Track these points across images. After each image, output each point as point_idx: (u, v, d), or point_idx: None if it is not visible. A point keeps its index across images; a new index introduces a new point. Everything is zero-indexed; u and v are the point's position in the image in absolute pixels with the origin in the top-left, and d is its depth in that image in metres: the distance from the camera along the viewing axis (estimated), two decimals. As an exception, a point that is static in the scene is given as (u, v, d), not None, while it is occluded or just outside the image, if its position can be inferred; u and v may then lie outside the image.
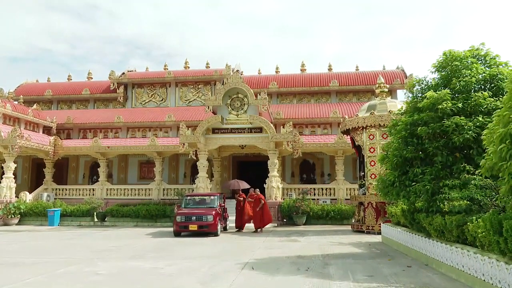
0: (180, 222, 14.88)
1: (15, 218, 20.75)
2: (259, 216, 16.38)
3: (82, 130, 27.83)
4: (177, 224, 14.89)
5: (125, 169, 27.89)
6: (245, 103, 20.19)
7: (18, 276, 7.72)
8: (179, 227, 14.84)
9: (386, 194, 10.00)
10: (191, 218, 14.88)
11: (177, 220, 14.97)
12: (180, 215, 15.02)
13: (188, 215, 14.98)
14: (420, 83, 10.00)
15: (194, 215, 14.89)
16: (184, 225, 14.77)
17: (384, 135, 15.08)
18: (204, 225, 14.64)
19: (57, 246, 12.56)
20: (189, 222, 14.80)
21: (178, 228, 14.89)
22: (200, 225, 14.63)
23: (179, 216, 15.01)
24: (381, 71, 28.90)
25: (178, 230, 14.92)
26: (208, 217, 14.71)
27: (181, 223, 14.84)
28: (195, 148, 20.25)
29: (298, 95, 29.22)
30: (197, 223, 14.68)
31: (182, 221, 14.88)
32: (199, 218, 14.77)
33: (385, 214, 14.29)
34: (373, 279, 7.14)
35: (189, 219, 14.88)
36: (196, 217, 14.81)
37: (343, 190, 21.86)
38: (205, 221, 14.68)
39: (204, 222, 14.67)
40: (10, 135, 21.08)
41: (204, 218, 14.74)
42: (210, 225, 14.65)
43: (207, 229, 14.67)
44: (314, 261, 9.14)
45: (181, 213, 15.13)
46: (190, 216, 14.93)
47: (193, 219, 14.83)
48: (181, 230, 14.89)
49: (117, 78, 30.10)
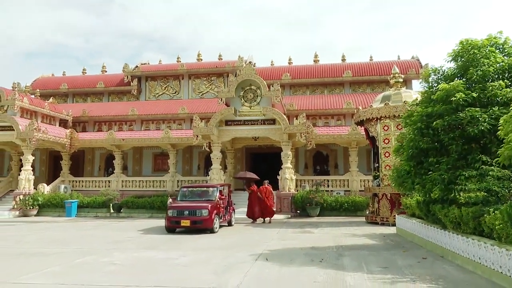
0: (171, 217, 13.11)
1: (34, 209, 21.22)
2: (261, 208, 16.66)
3: (97, 123, 28.15)
4: (169, 219, 13.16)
5: (139, 161, 28.18)
6: (258, 95, 20.14)
7: (38, 265, 7.91)
8: (170, 223, 13.13)
9: (401, 184, 9.90)
10: (183, 213, 13.02)
11: (169, 215, 13.19)
12: (172, 209, 13.21)
13: (180, 209, 13.15)
14: (436, 73, 9.81)
15: (187, 209, 13.04)
16: (176, 220, 12.99)
17: (399, 126, 14.89)
18: (198, 220, 12.82)
19: (74, 236, 12.81)
20: (181, 217, 12.97)
21: (170, 224, 13.15)
22: (193, 220, 12.82)
23: (170, 210, 13.21)
24: (396, 61, 28.47)
25: (170, 225, 13.17)
26: (203, 212, 12.86)
27: (173, 218, 13.07)
28: (209, 140, 20.32)
29: (311, 86, 29.02)
30: (190, 218, 12.85)
31: (174, 215, 13.08)
32: (192, 213, 12.94)
33: (399, 206, 14.18)
34: (388, 270, 7.11)
35: (181, 214, 13.03)
36: (189, 212, 12.97)
37: (357, 181, 21.76)
38: (199, 215, 12.85)
39: (198, 217, 12.83)
40: (27, 128, 21.45)
41: (198, 212, 12.90)
42: (204, 221, 12.81)
43: (201, 225, 12.86)
44: (328, 252, 9.14)
45: (173, 207, 13.35)
46: (182, 210, 13.08)
47: (185, 213, 12.98)
48: (172, 225, 13.13)
49: (131, 71, 30.32)
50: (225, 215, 14.57)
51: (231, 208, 15.55)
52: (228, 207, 15.18)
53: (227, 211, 14.85)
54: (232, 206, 16.06)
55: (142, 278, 6.73)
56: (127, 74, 30.37)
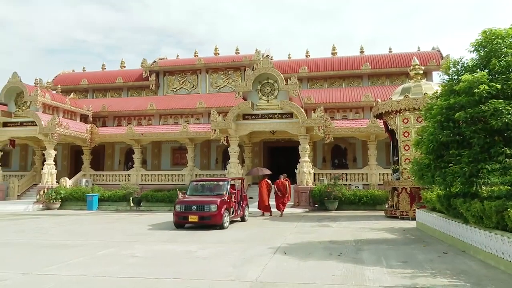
0: (179, 212, 12.63)
1: (57, 202, 21.73)
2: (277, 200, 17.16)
3: (117, 118, 28.56)
4: (177, 214, 12.70)
5: (158, 155, 28.51)
6: (275, 89, 20.09)
7: (62, 257, 8.11)
8: (178, 218, 12.67)
9: (421, 177, 9.75)
10: (191, 208, 12.53)
11: (177, 210, 12.72)
12: (180, 204, 12.77)
13: (188, 203, 12.70)
14: (457, 64, 9.58)
15: (195, 204, 12.57)
16: (184, 216, 12.51)
17: (419, 118, 14.63)
18: (206, 215, 12.33)
19: (96, 229, 13.07)
20: (189, 212, 12.46)
21: (178, 219, 12.68)
22: (201, 216, 12.33)
23: (178, 205, 12.75)
24: (416, 52, 27.95)
25: (178, 221, 12.71)
26: (211, 207, 12.34)
27: (181, 213, 12.59)
28: (226, 134, 20.39)
29: (329, 79, 28.79)
30: (198, 213, 12.35)
31: (182, 210, 12.60)
32: (201, 208, 12.43)
33: (419, 200, 13.97)
34: (408, 265, 7.04)
35: (189, 209, 12.53)
36: (197, 207, 12.48)
37: (375, 175, 21.55)
38: (207, 211, 12.33)
39: (206, 213, 12.32)
40: (49, 123, 21.92)
41: (206, 207, 12.38)
42: (213, 216, 12.28)
43: (209, 220, 12.37)
44: (347, 246, 9.10)
45: (181, 202, 12.91)
46: (190, 205, 12.61)
47: (193, 208, 12.47)
48: (180, 221, 12.66)
49: (149, 66, 30.61)
50: (237, 210, 14.05)
51: (244, 202, 14.94)
52: (241, 201, 14.62)
53: (239, 206, 14.35)
54: (246, 200, 15.52)
55: (162, 270, 6.84)
56: (145, 69, 30.71)
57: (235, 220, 14.14)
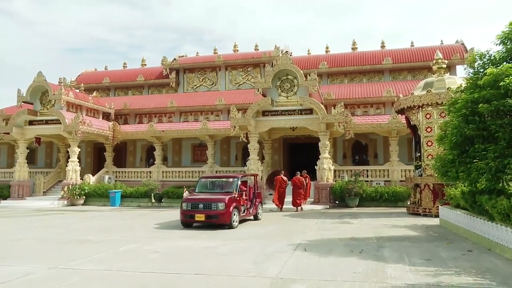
0: (186, 211, 12.01)
1: (81, 199, 22.23)
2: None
3: (138, 115, 28.94)
4: (183, 213, 12.11)
5: (179, 152, 28.78)
6: (295, 85, 19.99)
7: (86, 252, 8.30)
8: (184, 217, 12.10)
9: (444, 173, 9.55)
10: (198, 206, 11.88)
11: (183, 208, 12.11)
12: (186, 202, 12.16)
13: (195, 202, 12.05)
14: (482, 57, 9.31)
15: (202, 202, 11.89)
16: (190, 214, 11.93)
17: (442, 113, 14.33)
18: (213, 214, 11.65)
19: (118, 225, 13.32)
20: (195, 211, 11.84)
21: (184, 218, 12.12)
22: (208, 214, 11.68)
23: (185, 203, 12.15)
24: (439, 46, 27.32)
25: (184, 220, 12.15)
26: (219, 205, 11.62)
27: (187, 212, 11.98)
28: (246, 131, 20.41)
29: (349, 74, 28.46)
30: (204, 212, 11.72)
31: (188, 209, 11.98)
32: (208, 206, 11.75)
33: (443, 196, 13.70)
34: (431, 263, 6.91)
35: (195, 207, 11.89)
36: (204, 205, 11.80)
37: (397, 171, 21.23)
38: (214, 209, 11.64)
39: (214, 211, 11.64)
40: (73, 121, 22.40)
41: (213, 206, 11.67)
42: (220, 215, 11.59)
43: (217, 219, 11.69)
44: (368, 243, 9.00)
45: (188, 200, 12.33)
46: (197, 204, 11.94)
47: (200, 207, 11.82)
48: (187, 220, 12.10)
49: (169, 64, 30.90)
50: (249, 208, 13.38)
51: (257, 200, 14.18)
52: (254, 199, 13.93)
53: (252, 204, 13.68)
54: (260, 198, 14.83)
55: (183, 266, 6.91)
56: (165, 67, 31.01)
57: (247, 218, 13.62)
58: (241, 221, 12.75)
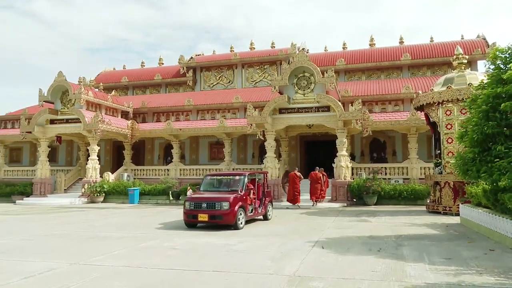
0: (189, 211, 11.36)
1: (100, 196, 22.62)
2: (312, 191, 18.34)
3: (156, 114, 29.25)
4: (186, 212, 11.44)
5: (196, 150, 28.99)
6: (312, 82, 19.88)
7: (106, 249, 8.45)
8: (187, 217, 11.43)
9: (465, 172, 9.38)
10: (201, 206, 11.20)
11: (186, 208, 11.44)
12: (189, 201, 11.49)
13: (198, 201, 11.35)
14: (505, 52, 9.08)
15: (205, 201, 11.20)
16: (193, 214, 11.26)
17: (463, 110, 14.05)
18: (217, 214, 10.97)
19: (137, 222, 13.50)
20: (198, 210, 11.17)
21: (187, 218, 11.45)
22: (211, 214, 11.02)
23: (188, 202, 11.49)
24: (459, 41, 26.79)
25: (187, 220, 11.49)
26: (223, 204, 10.92)
27: (190, 212, 11.33)
28: (263, 129, 20.41)
29: (367, 71, 28.19)
30: (208, 212, 11.06)
31: (191, 208, 11.32)
32: (211, 206, 11.07)
33: (463, 194, 13.46)
34: (451, 262, 6.80)
35: (198, 207, 11.22)
36: (207, 204, 11.12)
37: (416, 169, 20.93)
38: (218, 209, 10.95)
39: (217, 211, 10.95)
40: (93, 120, 22.78)
41: (217, 205, 10.98)
42: (224, 215, 10.89)
43: (221, 220, 11.00)
44: (386, 241, 8.91)
45: (191, 199, 11.64)
46: (200, 203, 11.25)
47: (203, 206, 11.15)
48: (190, 220, 11.43)
49: (186, 62, 31.13)
50: (258, 207, 12.70)
51: (267, 199, 13.44)
52: (264, 198, 13.24)
53: (262, 203, 13.02)
54: (270, 197, 13.98)
55: (202, 263, 6.97)
56: (182, 66, 31.26)
57: (256, 218, 13.05)
58: (249, 221, 12.30)
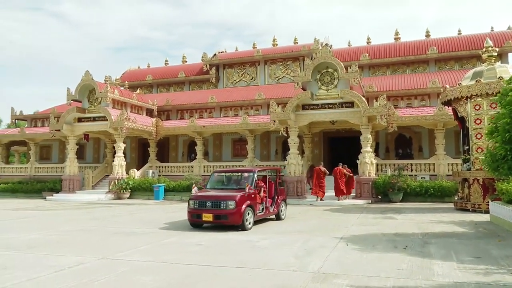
0: (193, 210, 10.65)
1: (126, 192, 23.09)
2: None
3: (180, 111, 29.58)
4: (190, 212, 10.74)
5: (219, 147, 29.17)
6: (335, 78, 19.66)
7: (132, 244, 8.61)
8: (192, 216, 10.73)
9: (495, 169, 9.08)
10: (205, 204, 10.46)
11: (190, 207, 10.74)
12: (194, 200, 10.75)
13: (202, 199, 10.63)
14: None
15: (210, 200, 10.48)
16: (197, 214, 10.54)
17: (493, 104, 13.61)
18: (222, 214, 10.24)
19: (162, 218, 13.68)
20: (203, 209, 10.44)
21: (191, 218, 10.75)
22: (216, 214, 10.29)
23: (192, 201, 10.76)
24: (489, 33, 25.95)
25: (192, 220, 10.79)
26: (229, 204, 10.16)
27: (194, 211, 10.61)
28: (286, 125, 20.34)
29: (392, 65, 27.69)
30: (212, 211, 10.32)
31: (195, 207, 10.59)
32: (216, 205, 10.33)
33: (493, 191, 13.05)
34: (481, 260, 6.61)
35: (203, 206, 10.49)
36: (212, 203, 10.39)
37: (444, 165, 20.42)
38: (223, 208, 10.21)
39: (223, 211, 10.22)
40: (118, 118, 23.24)
41: (222, 204, 10.23)
42: (230, 215, 10.14)
43: (226, 220, 10.26)
44: (413, 239, 8.74)
45: (195, 197, 10.91)
46: (204, 202, 10.53)
47: (208, 205, 10.42)
48: (194, 220, 10.72)
49: (209, 60, 31.33)
50: (269, 206, 11.97)
51: (279, 198, 12.59)
52: (276, 196, 12.45)
53: (274, 202, 12.27)
54: (283, 195, 13.04)
55: (225, 259, 7.01)
56: (205, 63, 31.49)
57: (268, 218, 12.38)
58: (260, 220, 11.67)
